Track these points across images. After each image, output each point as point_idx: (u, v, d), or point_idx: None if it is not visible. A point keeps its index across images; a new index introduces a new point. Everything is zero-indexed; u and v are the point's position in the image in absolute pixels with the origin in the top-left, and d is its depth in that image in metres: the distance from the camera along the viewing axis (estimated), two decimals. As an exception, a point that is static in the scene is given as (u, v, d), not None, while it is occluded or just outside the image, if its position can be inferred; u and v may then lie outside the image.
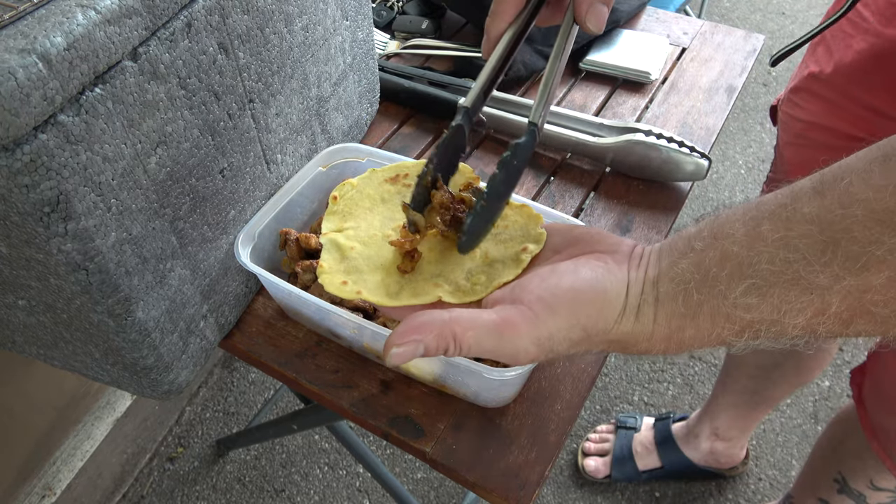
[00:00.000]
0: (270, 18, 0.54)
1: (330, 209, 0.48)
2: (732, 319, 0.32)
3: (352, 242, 0.46)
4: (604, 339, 0.36)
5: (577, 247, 0.41)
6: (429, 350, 0.36)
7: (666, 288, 0.35)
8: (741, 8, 2.69)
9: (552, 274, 0.38)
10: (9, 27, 0.37)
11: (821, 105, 0.72)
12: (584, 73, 0.91)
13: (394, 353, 0.35)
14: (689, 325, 0.34)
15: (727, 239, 0.33)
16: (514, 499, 0.52)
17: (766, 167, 2.02)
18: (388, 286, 0.43)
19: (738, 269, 0.32)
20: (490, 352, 0.36)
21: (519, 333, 0.36)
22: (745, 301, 0.32)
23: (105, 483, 1.28)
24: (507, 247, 0.45)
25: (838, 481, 0.96)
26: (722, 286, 0.32)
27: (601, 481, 1.36)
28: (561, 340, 0.36)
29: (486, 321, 0.36)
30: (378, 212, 0.49)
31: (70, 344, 0.54)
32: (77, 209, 0.40)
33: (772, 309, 0.31)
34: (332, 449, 1.42)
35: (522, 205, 0.47)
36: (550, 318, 0.36)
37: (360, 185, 0.50)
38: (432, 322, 0.36)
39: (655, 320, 0.35)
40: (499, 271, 0.43)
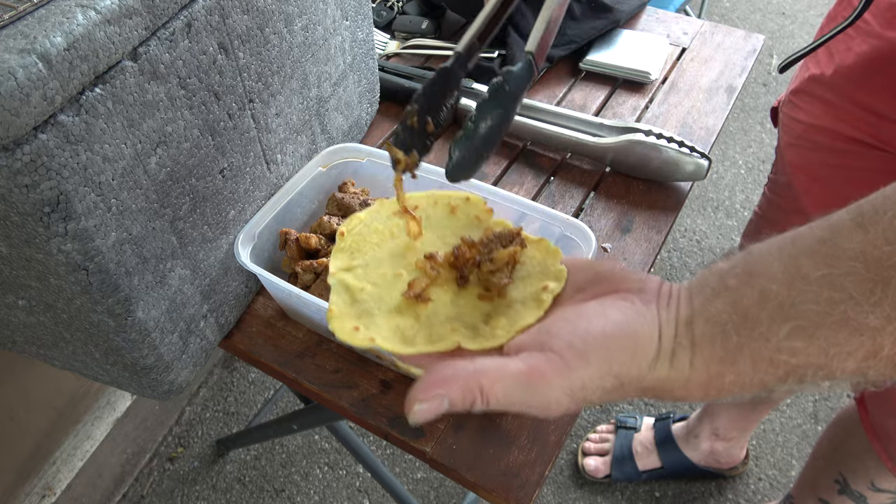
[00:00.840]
0: (270, 18, 0.54)
1: (337, 245, 0.45)
2: (776, 364, 0.30)
3: (362, 283, 0.43)
4: (638, 386, 0.34)
5: (601, 285, 0.38)
6: (454, 405, 0.34)
7: (702, 329, 0.33)
8: (741, 8, 2.69)
9: (580, 317, 0.36)
10: (9, 27, 0.37)
11: (822, 107, 0.72)
12: (584, 73, 0.91)
13: (417, 410, 0.33)
14: (728, 370, 0.32)
15: (764, 276, 0.31)
16: (514, 499, 0.52)
17: (766, 167, 2.02)
18: (402, 331, 0.41)
19: (779, 309, 0.30)
20: (519, 404, 0.34)
21: (550, 384, 0.33)
22: (789, 344, 0.30)
23: (105, 483, 1.28)
24: (525, 285, 0.42)
25: (839, 482, 0.96)
26: (763, 328, 0.30)
27: (601, 481, 1.36)
28: (594, 390, 0.34)
29: (513, 372, 0.34)
30: (387, 248, 0.46)
31: (70, 344, 0.54)
32: (77, 209, 0.40)
33: (819, 352, 0.29)
34: (332, 449, 1.42)
35: (539, 239, 0.44)
36: (583, 366, 0.34)
37: (367, 218, 0.47)
38: (457, 375, 0.34)
39: (692, 365, 0.33)
40: (520, 313, 0.40)
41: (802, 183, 0.78)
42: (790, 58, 0.74)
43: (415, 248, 0.45)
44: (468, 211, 0.47)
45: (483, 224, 0.46)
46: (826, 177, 0.74)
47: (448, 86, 0.44)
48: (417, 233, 0.45)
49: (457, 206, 0.47)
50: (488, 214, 0.47)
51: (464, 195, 0.48)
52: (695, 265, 1.78)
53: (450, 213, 0.47)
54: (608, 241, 0.70)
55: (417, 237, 0.44)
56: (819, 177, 0.75)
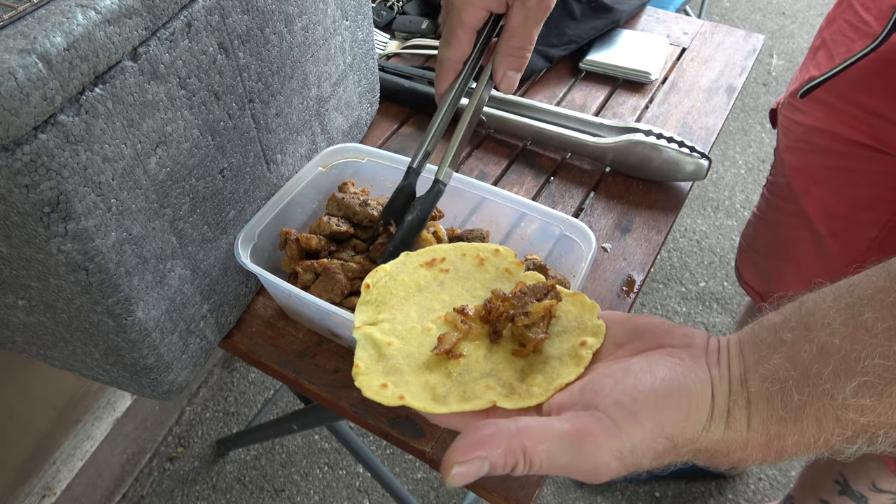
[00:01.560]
0: (270, 18, 0.54)
1: (362, 299, 0.44)
2: (843, 423, 0.29)
3: (389, 337, 0.41)
4: (692, 448, 0.32)
5: (643, 340, 0.37)
6: (495, 468, 0.31)
7: (758, 388, 0.31)
8: (741, 8, 2.69)
9: (626, 375, 0.34)
10: (9, 27, 0.37)
11: (822, 109, 0.72)
12: (584, 73, 0.91)
13: (455, 474, 0.31)
14: (791, 430, 0.30)
15: (823, 329, 0.29)
16: (514, 499, 0.52)
17: (766, 167, 2.02)
18: (433, 388, 0.39)
19: (843, 364, 0.28)
20: (564, 468, 0.32)
21: (598, 446, 0.31)
22: (857, 402, 0.28)
23: (105, 483, 1.28)
24: (562, 340, 0.40)
25: (840, 483, 0.96)
26: (827, 385, 0.28)
27: (601, 481, 1.36)
28: (645, 452, 0.32)
29: (559, 432, 0.32)
30: (415, 301, 0.44)
31: (70, 344, 0.54)
32: (77, 209, 0.40)
33: (891, 410, 0.28)
34: (332, 449, 1.42)
35: (575, 293, 0.43)
36: (633, 427, 0.31)
37: (393, 271, 0.45)
38: (498, 435, 0.32)
39: (749, 426, 0.31)
40: (557, 370, 0.38)
41: (802, 185, 0.78)
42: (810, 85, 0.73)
43: (444, 301, 0.44)
44: (497, 263, 0.46)
45: (513, 277, 0.45)
46: (825, 179, 0.74)
47: (406, 198, 0.56)
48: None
49: (486, 258, 0.46)
50: (519, 267, 0.46)
51: (493, 247, 0.46)
52: (695, 265, 1.78)
53: (478, 265, 0.46)
54: (608, 241, 0.70)
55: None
56: (818, 179, 0.75)
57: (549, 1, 0.47)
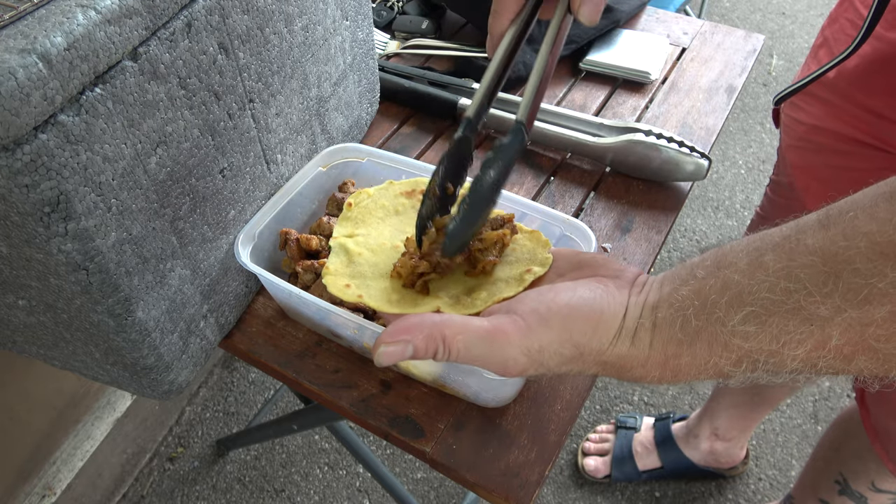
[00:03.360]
0: (270, 18, 0.54)
1: (343, 214, 0.49)
2: (730, 348, 0.32)
3: (360, 249, 0.47)
4: (597, 359, 0.36)
5: (581, 271, 0.41)
6: (417, 351, 0.36)
7: (664, 314, 0.34)
8: (741, 8, 2.69)
9: (550, 290, 0.38)
10: (9, 27, 0.37)
11: (823, 108, 0.72)
12: (584, 73, 0.91)
13: (382, 352, 0.36)
14: (685, 351, 0.33)
15: (729, 268, 0.33)
16: (514, 499, 0.52)
17: (766, 167, 2.02)
18: (389, 294, 0.43)
19: (737, 297, 0.31)
20: (479, 358, 0.36)
21: (510, 342, 0.36)
22: (743, 329, 0.31)
23: (105, 483, 1.28)
24: (512, 268, 0.45)
25: (839, 482, 0.96)
26: (720, 313, 0.32)
27: (601, 481, 1.36)
28: (552, 354, 0.36)
29: (477, 327, 0.36)
30: (390, 223, 0.49)
31: (70, 344, 0.54)
32: (77, 209, 0.40)
33: (770, 339, 0.31)
34: (332, 449, 1.42)
35: (533, 231, 0.47)
36: (543, 330, 0.36)
37: (376, 194, 0.50)
38: (422, 323, 0.36)
39: (651, 345, 0.35)
40: (500, 289, 0.43)
41: (804, 184, 0.78)
42: (787, 90, 0.75)
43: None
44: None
45: None
46: (827, 178, 0.74)
47: (463, 152, 0.45)
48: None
49: (463, 193, 0.49)
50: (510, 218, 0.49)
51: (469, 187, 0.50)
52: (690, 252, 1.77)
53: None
54: (608, 241, 0.70)
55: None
56: (820, 178, 0.75)
57: None
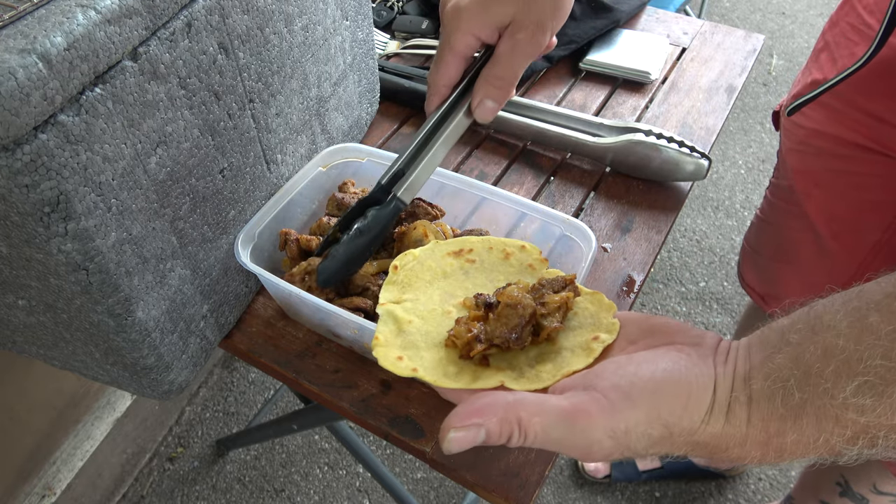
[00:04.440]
0: (270, 18, 0.54)
1: (389, 279, 0.46)
2: (843, 423, 0.29)
3: (410, 316, 0.44)
4: (689, 440, 0.33)
5: (655, 337, 0.37)
6: (490, 436, 0.32)
7: (760, 385, 0.31)
8: (741, 8, 2.69)
9: (629, 362, 0.35)
10: (9, 27, 0.37)
11: (824, 112, 0.72)
12: (584, 73, 0.91)
13: (452, 439, 0.32)
14: (790, 428, 0.30)
15: (829, 331, 0.29)
16: (514, 499, 0.51)
17: (766, 167, 2.02)
18: (445, 366, 0.40)
19: (845, 364, 0.28)
20: (558, 442, 0.33)
21: (593, 424, 0.32)
22: (857, 402, 0.28)
23: (105, 483, 1.28)
24: (576, 335, 0.41)
25: (840, 484, 0.96)
26: (828, 384, 0.29)
27: (601, 481, 1.36)
28: (640, 436, 0.32)
29: (555, 407, 0.33)
30: (438, 286, 0.46)
31: (70, 344, 0.54)
32: (77, 209, 0.40)
33: (891, 411, 0.27)
34: (332, 449, 1.42)
35: (594, 292, 0.44)
36: (629, 408, 0.32)
37: (421, 256, 0.48)
38: (495, 405, 0.33)
39: (749, 422, 0.31)
40: (567, 360, 0.40)
41: (804, 187, 0.78)
42: (797, 102, 0.74)
43: (467, 289, 0.45)
44: (522, 259, 0.47)
45: (536, 273, 0.46)
46: (828, 182, 0.74)
47: (365, 207, 0.51)
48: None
49: (511, 252, 0.48)
50: (543, 263, 0.47)
51: (519, 243, 0.48)
52: (695, 265, 1.78)
53: (504, 259, 0.48)
54: (608, 241, 0.70)
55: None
56: (821, 182, 0.75)
57: (539, 38, 0.45)
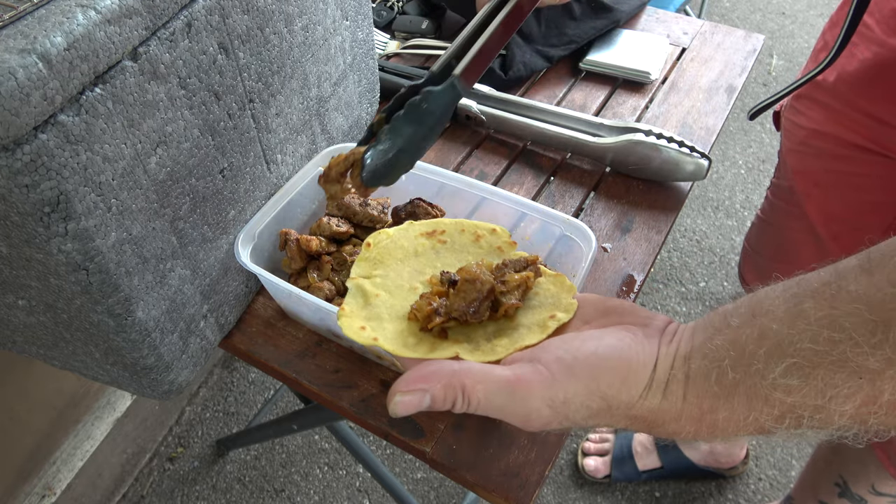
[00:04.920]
0: (270, 18, 0.54)
1: (362, 255, 0.48)
2: (771, 402, 0.30)
3: (378, 290, 0.45)
4: (626, 413, 0.34)
5: (609, 318, 0.39)
6: (435, 401, 0.34)
7: (698, 364, 0.32)
8: (741, 8, 2.69)
9: (575, 338, 0.36)
10: (9, 27, 0.37)
11: (823, 113, 0.72)
12: (584, 73, 0.91)
13: (397, 401, 0.34)
14: (722, 406, 0.31)
15: (766, 316, 0.31)
16: (514, 499, 0.52)
17: (766, 167, 2.02)
18: (405, 337, 0.42)
19: (777, 347, 0.30)
20: (500, 409, 0.34)
21: (532, 393, 0.33)
22: (785, 382, 0.29)
23: (105, 483, 1.28)
24: (535, 313, 0.43)
25: (839, 485, 0.96)
26: (759, 365, 0.30)
27: (601, 481, 1.36)
28: (578, 407, 0.34)
29: (498, 376, 0.34)
30: (409, 264, 0.48)
31: (70, 344, 0.54)
32: (77, 209, 0.40)
33: (816, 393, 0.28)
34: (332, 449, 1.42)
35: (557, 273, 0.46)
36: (568, 380, 0.33)
37: (395, 235, 0.49)
38: (440, 372, 0.34)
39: (685, 398, 0.32)
40: (523, 336, 0.41)
41: (804, 188, 0.78)
42: (762, 103, 0.74)
43: (436, 268, 0.47)
44: (492, 241, 0.49)
45: (504, 255, 0.48)
46: (828, 182, 0.74)
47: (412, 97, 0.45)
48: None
49: (482, 235, 0.49)
50: (511, 246, 0.48)
51: (490, 227, 0.49)
52: (695, 265, 1.78)
53: (474, 241, 0.49)
54: (608, 241, 0.70)
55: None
56: (821, 182, 0.75)
57: None
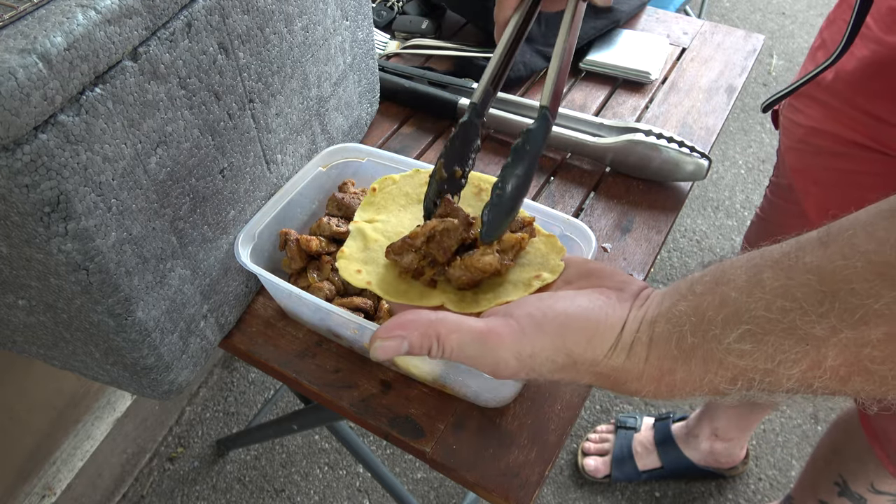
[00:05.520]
0: (270, 18, 0.54)
1: (367, 199, 0.49)
2: (725, 365, 0.32)
3: (377, 235, 0.47)
4: (591, 370, 0.36)
5: (588, 280, 0.41)
6: (412, 347, 0.36)
7: (661, 329, 0.34)
8: (741, 8, 2.69)
9: (549, 297, 0.38)
10: (9, 27, 0.37)
11: (822, 111, 0.72)
12: (584, 73, 0.91)
13: (377, 347, 0.36)
14: (680, 367, 0.33)
15: (728, 285, 0.32)
16: (514, 499, 0.52)
17: (766, 167, 2.02)
18: (397, 284, 0.44)
19: (734, 314, 0.31)
20: (471, 358, 0.36)
21: (502, 344, 0.36)
22: (738, 347, 0.31)
23: (105, 483, 1.28)
24: (522, 271, 0.44)
25: (839, 484, 0.96)
26: (717, 330, 0.32)
27: (601, 481, 1.36)
28: (544, 360, 0.36)
29: (471, 327, 0.36)
30: (411, 211, 0.49)
31: (70, 344, 0.54)
32: (77, 209, 0.40)
33: (766, 357, 0.30)
34: (332, 449, 1.42)
35: (550, 234, 0.47)
36: (536, 335, 0.36)
37: (401, 181, 0.51)
38: (418, 321, 0.37)
39: (647, 360, 0.34)
40: (507, 291, 0.43)
41: (803, 186, 0.78)
42: (774, 96, 0.75)
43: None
44: None
45: None
46: (826, 180, 0.74)
47: (469, 136, 0.47)
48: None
49: (484, 188, 0.50)
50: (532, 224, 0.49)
51: (493, 179, 0.49)
52: (695, 265, 1.78)
53: (476, 194, 0.50)
54: (608, 241, 0.70)
55: None
56: (819, 180, 0.75)
57: None
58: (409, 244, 0.43)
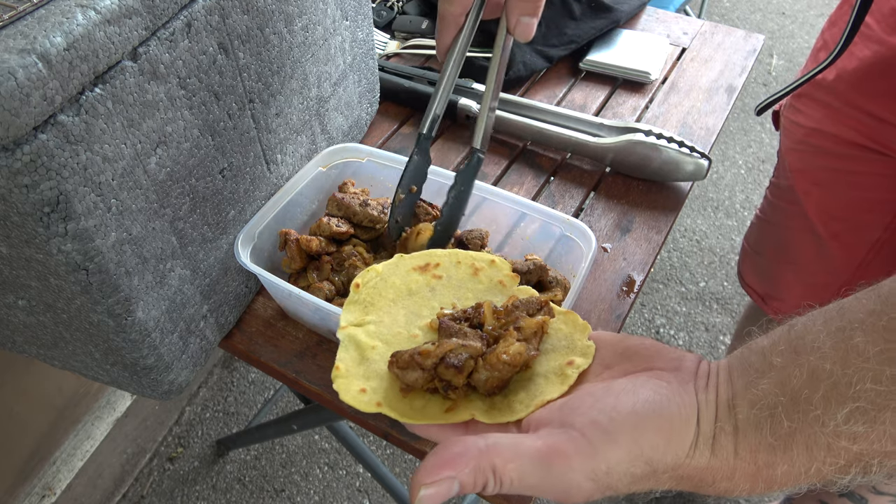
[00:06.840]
0: (270, 18, 0.54)
1: (351, 298, 0.43)
2: (835, 452, 0.27)
3: (373, 340, 0.41)
4: (673, 475, 0.31)
5: (632, 361, 0.36)
6: (464, 487, 0.30)
7: (746, 413, 0.30)
8: (741, 8, 2.69)
9: (607, 394, 0.33)
10: (9, 27, 0.37)
11: (823, 111, 0.72)
12: (584, 73, 0.91)
13: (423, 496, 0.30)
14: (780, 459, 0.28)
15: (813, 353, 0.28)
16: (514, 499, 0.51)
17: (766, 167, 2.02)
18: (412, 399, 0.38)
19: (834, 389, 0.27)
20: (534, 487, 0.31)
21: (571, 465, 0.30)
22: (849, 429, 0.27)
23: (105, 483, 1.28)
24: (549, 359, 0.39)
25: None
26: (818, 411, 0.27)
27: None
28: (621, 476, 0.30)
29: (530, 450, 0.31)
30: (403, 305, 0.43)
31: (70, 344, 0.54)
32: (77, 209, 0.40)
33: (885, 438, 0.26)
34: (332, 449, 1.42)
35: (567, 311, 0.41)
36: (609, 447, 0.30)
37: (385, 272, 0.44)
38: (467, 453, 0.30)
39: (737, 453, 0.30)
40: (541, 387, 0.37)
41: (803, 187, 0.78)
42: (767, 100, 0.75)
43: (433, 308, 0.43)
44: (492, 274, 0.45)
45: (506, 290, 0.44)
46: (827, 181, 0.74)
47: (419, 165, 0.56)
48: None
49: (481, 268, 0.45)
50: (513, 280, 0.44)
51: (489, 258, 0.45)
52: (695, 265, 1.78)
53: (472, 275, 0.45)
54: (608, 241, 0.70)
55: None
56: (820, 181, 0.75)
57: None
58: (417, 362, 0.37)
